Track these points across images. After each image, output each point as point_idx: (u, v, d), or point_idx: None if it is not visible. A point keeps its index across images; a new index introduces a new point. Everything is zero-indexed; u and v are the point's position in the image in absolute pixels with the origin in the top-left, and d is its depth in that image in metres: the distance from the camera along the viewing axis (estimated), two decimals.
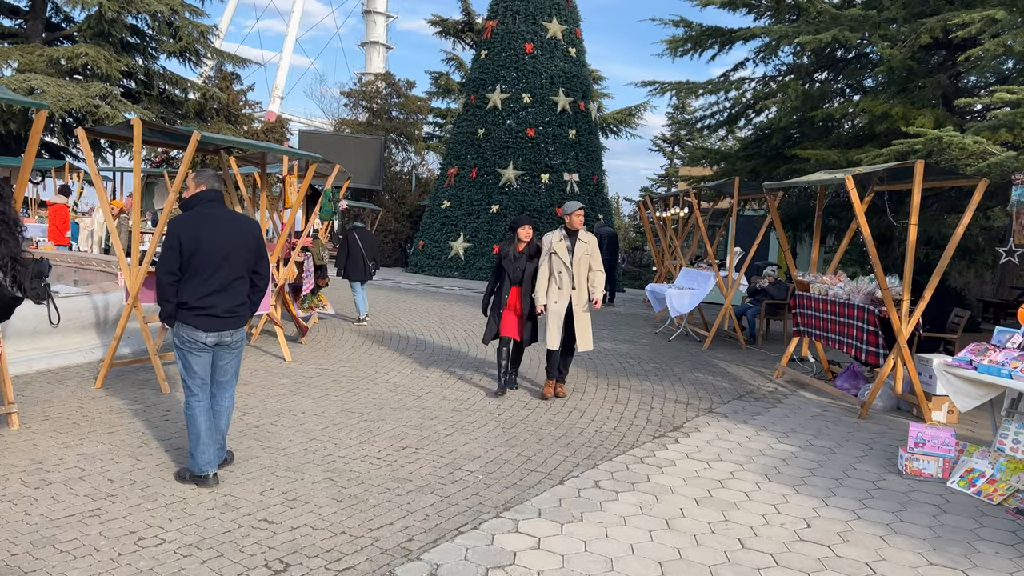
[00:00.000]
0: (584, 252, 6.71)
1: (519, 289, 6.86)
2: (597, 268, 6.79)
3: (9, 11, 23.26)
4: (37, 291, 4.82)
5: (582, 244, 6.72)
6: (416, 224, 26.05)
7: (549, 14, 21.00)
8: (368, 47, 79.27)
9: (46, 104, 5.18)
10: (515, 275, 6.83)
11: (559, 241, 6.69)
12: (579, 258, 6.68)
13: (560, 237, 6.72)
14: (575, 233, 6.75)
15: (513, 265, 6.82)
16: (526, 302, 6.83)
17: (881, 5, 9.69)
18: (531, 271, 6.81)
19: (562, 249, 6.67)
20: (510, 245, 6.88)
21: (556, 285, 6.69)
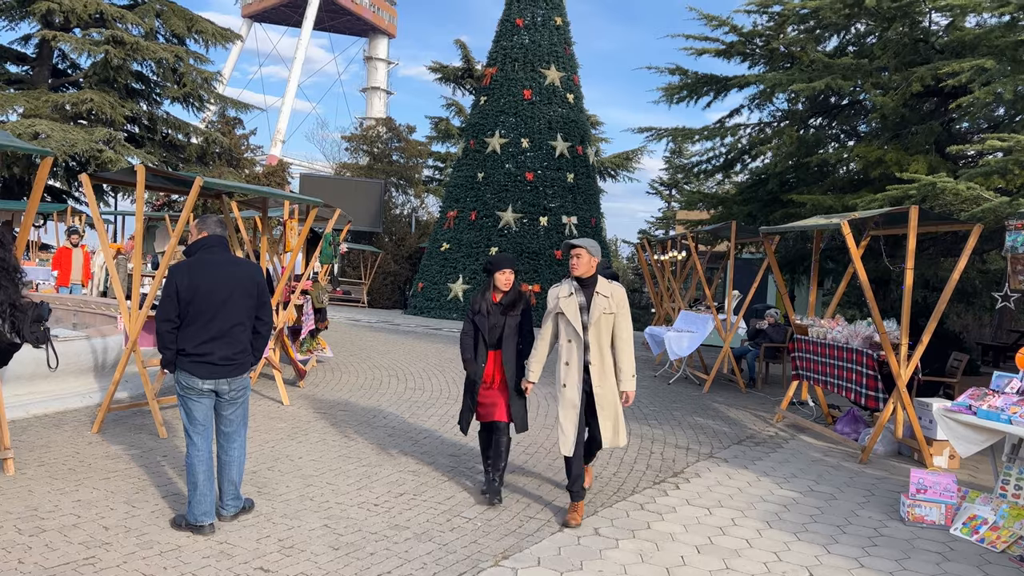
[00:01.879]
0: (604, 310, 4.70)
1: (498, 354, 5.06)
2: (624, 336, 4.77)
3: (16, 57, 23.66)
4: (36, 335, 4.83)
5: (601, 299, 4.72)
6: (415, 266, 26.15)
7: (547, 62, 21.37)
8: (369, 92, 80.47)
9: (51, 152, 5.25)
10: (492, 335, 5.03)
11: (567, 296, 4.76)
12: (597, 319, 4.69)
13: (569, 291, 4.77)
14: (591, 284, 4.79)
15: (488, 322, 5.02)
16: (511, 370, 5.03)
17: (872, 54, 9.89)
18: (513, 327, 5.04)
19: (572, 308, 4.73)
20: (484, 294, 5.08)
21: (564, 360, 4.75)
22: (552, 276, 19.60)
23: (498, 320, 5.02)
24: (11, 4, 22.39)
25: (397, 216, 30.21)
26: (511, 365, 5.03)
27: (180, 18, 23.98)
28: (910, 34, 9.47)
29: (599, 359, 4.72)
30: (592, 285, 4.78)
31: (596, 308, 4.71)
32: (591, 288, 4.77)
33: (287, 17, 77.71)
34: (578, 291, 4.79)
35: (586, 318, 4.73)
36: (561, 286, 4.87)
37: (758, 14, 11.97)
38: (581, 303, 4.76)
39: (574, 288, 4.80)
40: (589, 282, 4.80)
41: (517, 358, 5.08)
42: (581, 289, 4.79)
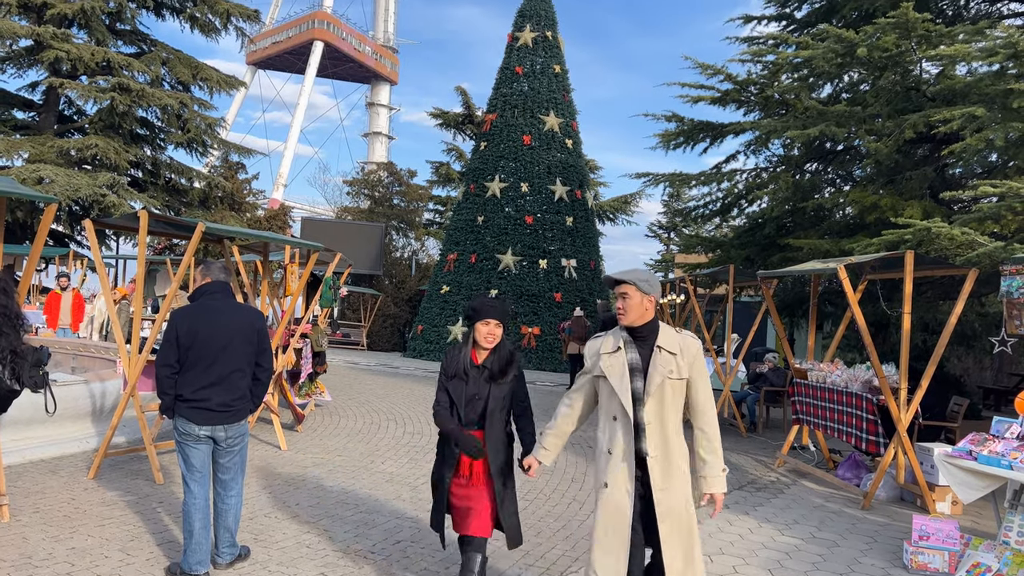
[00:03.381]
0: (670, 374, 3.19)
1: (479, 435, 3.73)
2: (704, 410, 3.26)
3: (23, 104, 24.03)
4: (35, 379, 4.84)
5: (665, 357, 3.21)
6: (415, 309, 26.18)
7: (546, 108, 21.71)
8: (371, 137, 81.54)
9: (56, 199, 5.32)
10: (471, 409, 3.73)
11: (612, 352, 3.29)
12: (659, 387, 3.17)
13: (616, 344, 3.30)
14: (649, 334, 3.28)
15: (466, 390, 3.73)
16: (497, 459, 3.72)
17: (865, 102, 10.07)
18: (500, 399, 3.73)
19: (618, 369, 3.24)
20: (461, 351, 3.83)
21: (605, 447, 3.26)
22: (552, 319, 19.62)
23: (480, 389, 3.71)
24: (20, 52, 22.82)
25: (397, 259, 30.35)
26: (498, 452, 3.71)
27: (185, 66, 24.42)
28: (902, 82, 9.66)
29: (662, 448, 3.16)
30: (650, 336, 3.24)
31: (657, 370, 3.15)
32: (649, 341, 3.24)
33: (291, 64, 79.13)
34: (629, 345, 3.25)
35: (640, 385, 3.18)
36: (604, 338, 3.35)
37: (752, 63, 12.21)
38: (633, 362, 3.21)
39: (623, 341, 3.26)
40: (645, 332, 3.25)
41: (507, 441, 3.81)
42: (633, 342, 3.26)
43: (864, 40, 9.10)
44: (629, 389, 3.18)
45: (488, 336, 3.74)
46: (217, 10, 24.91)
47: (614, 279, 3.28)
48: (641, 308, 3.25)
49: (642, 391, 3.19)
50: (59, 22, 22.23)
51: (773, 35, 12.74)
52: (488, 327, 3.74)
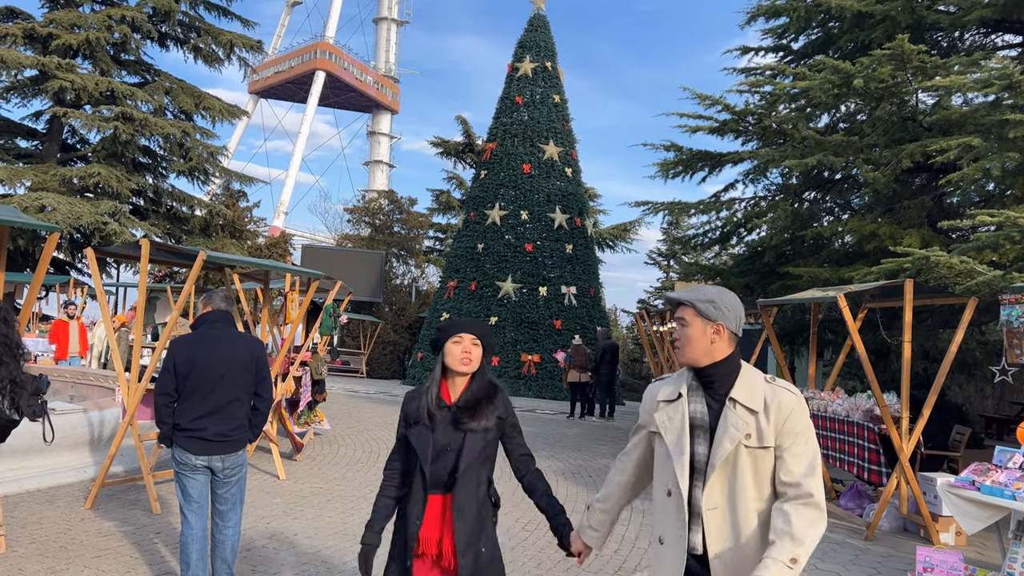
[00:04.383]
0: (747, 440, 2.25)
1: (445, 500, 2.80)
2: (799, 488, 2.21)
3: (27, 133, 24.22)
4: (33, 408, 4.82)
5: (741, 415, 2.27)
6: (415, 336, 26.16)
7: (546, 137, 21.89)
8: (372, 165, 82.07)
9: (59, 228, 5.35)
10: (438, 467, 2.78)
11: (671, 401, 2.44)
12: (729, 458, 2.27)
13: (676, 390, 2.43)
14: (722, 379, 2.35)
15: (431, 440, 2.78)
16: (467, 535, 2.74)
17: (863, 132, 10.16)
18: (477, 452, 2.78)
19: (673, 424, 2.39)
20: (427, 390, 2.86)
21: (657, 529, 2.44)
22: (552, 346, 19.58)
23: (451, 437, 2.74)
24: (25, 82, 23.05)
25: (397, 286, 30.39)
26: (469, 525, 2.72)
27: (189, 95, 24.65)
28: (898, 112, 9.76)
29: (731, 543, 2.26)
30: (723, 383, 2.32)
31: (727, 432, 2.25)
32: (722, 389, 2.32)
33: (293, 93, 79.88)
34: (694, 393, 2.37)
35: (704, 451, 2.30)
36: (664, 382, 2.50)
37: (750, 93, 12.34)
38: (696, 417, 2.34)
39: (687, 386, 2.39)
40: (716, 376, 2.33)
41: (489, 509, 2.83)
42: (701, 388, 2.37)
43: (860, 71, 9.21)
44: (687, 455, 2.26)
45: (463, 357, 2.75)
46: (220, 41, 25.20)
47: (673, 298, 2.41)
48: (704, 341, 2.28)
49: (705, 460, 2.27)
50: (64, 52, 22.47)
51: (770, 66, 12.90)
52: (461, 345, 2.76)
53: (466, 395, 2.81)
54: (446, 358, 2.81)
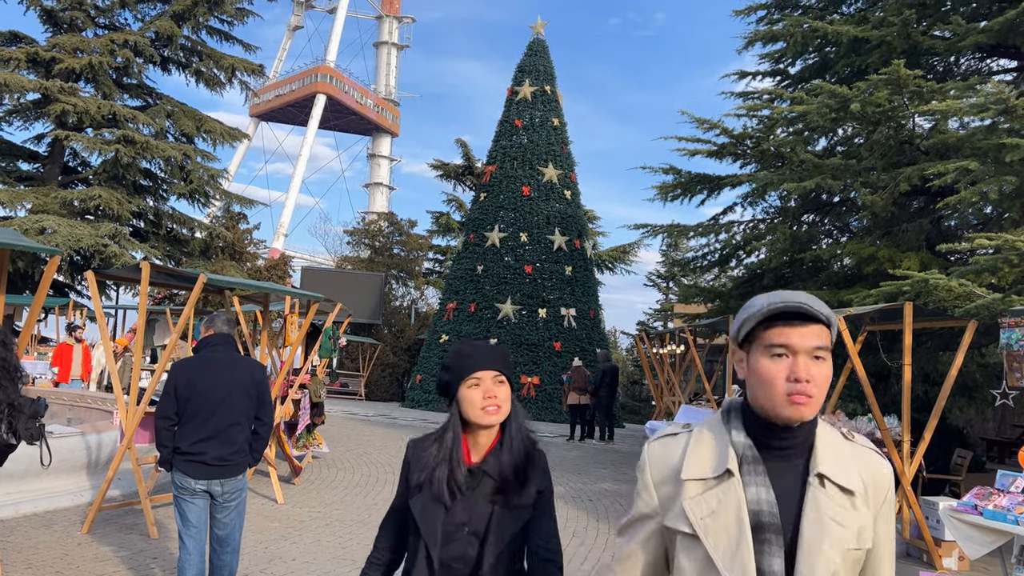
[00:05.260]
0: (845, 543, 1.37)
1: None
2: None
3: (28, 155, 24.34)
4: (31, 431, 4.80)
5: (834, 501, 1.39)
6: (414, 358, 26.10)
7: (545, 160, 22.00)
8: (372, 188, 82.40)
9: (59, 250, 5.37)
10: (451, 551, 2.00)
11: (711, 482, 1.44)
12: (834, 570, 1.35)
13: (721, 461, 1.44)
14: (799, 438, 1.43)
15: (444, 516, 2.01)
16: None
17: (860, 155, 10.23)
18: (506, 538, 1.99)
19: (725, 523, 1.39)
20: (439, 444, 2.08)
21: None
22: (552, 368, 19.53)
23: (473, 513, 2.02)
24: (27, 105, 23.21)
25: (397, 308, 30.38)
26: None
27: (190, 118, 24.81)
28: (895, 136, 9.82)
29: None
30: (798, 444, 1.46)
31: (828, 534, 1.39)
32: (797, 455, 1.46)
33: (293, 116, 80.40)
34: (752, 466, 1.44)
35: (778, 568, 1.39)
36: (680, 440, 1.56)
37: (747, 117, 12.42)
38: (762, 509, 1.41)
39: (739, 451, 1.46)
40: (801, 433, 1.46)
41: None
42: (759, 458, 1.45)
43: (857, 96, 9.29)
44: (748, 547, 1.38)
45: (488, 405, 2.01)
46: (222, 65, 25.42)
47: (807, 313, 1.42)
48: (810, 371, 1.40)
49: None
50: (67, 76, 22.65)
51: (768, 90, 13.01)
52: (482, 387, 2.03)
53: (501, 457, 2.04)
54: (464, 408, 2.04)
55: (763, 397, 1.42)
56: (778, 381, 1.40)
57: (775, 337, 1.42)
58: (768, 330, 1.43)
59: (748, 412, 1.48)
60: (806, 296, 1.42)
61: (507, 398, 2.07)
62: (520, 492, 2.02)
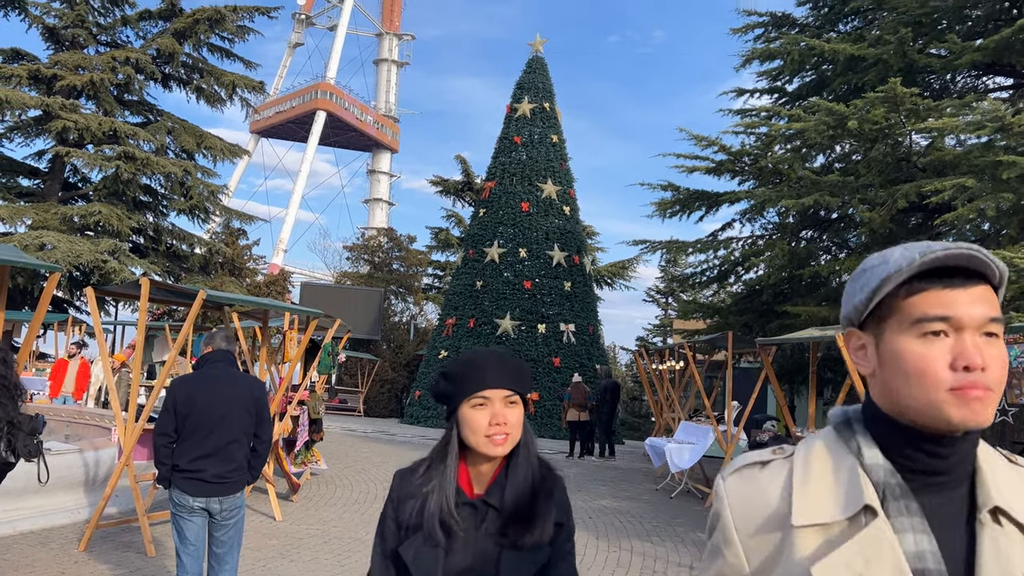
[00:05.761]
0: None
1: None
2: None
3: (29, 172, 24.41)
4: (29, 448, 4.78)
5: (1018, 542, 0.95)
6: (413, 374, 26.07)
7: (544, 176, 22.09)
8: (371, 203, 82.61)
9: (59, 267, 5.38)
10: None
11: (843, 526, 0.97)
12: None
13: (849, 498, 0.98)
14: (963, 461, 1.00)
15: (445, 560, 1.65)
16: None
17: (858, 172, 10.28)
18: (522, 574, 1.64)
19: (879, 568, 0.91)
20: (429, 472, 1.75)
21: None
22: (551, 384, 19.50)
23: (476, 557, 1.68)
24: (28, 122, 23.31)
25: (396, 323, 30.37)
26: None
27: (190, 135, 24.90)
28: (893, 153, 9.88)
29: None
30: (962, 468, 1.01)
31: None
32: (956, 484, 1.01)
33: (294, 133, 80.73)
34: (900, 501, 0.98)
35: None
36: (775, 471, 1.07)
37: (745, 135, 12.49)
38: (928, 567, 0.93)
39: (882, 479, 0.99)
40: (958, 453, 1.00)
41: None
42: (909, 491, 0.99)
43: (854, 113, 9.35)
44: None
45: (497, 431, 1.68)
46: (223, 82, 25.55)
47: (977, 260, 0.98)
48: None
49: None
50: (68, 93, 22.76)
51: (765, 108, 13.09)
52: (488, 409, 1.69)
53: (509, 488, 1.69)
54: (464, 431, 1.70)
55: (912, 396, 0.97)
56: (937, 371, 0.95)
57: (930, 306, 0.97)
58: (916, 296, 0.98)
59: (880, 422, 1.03)
60: (967, 244, 0.97)
61: (519, 423, 1.71)
62: (533, 528, 1.67)
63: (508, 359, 1.76)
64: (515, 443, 1.72)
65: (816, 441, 1.08)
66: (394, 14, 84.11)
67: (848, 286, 1.07)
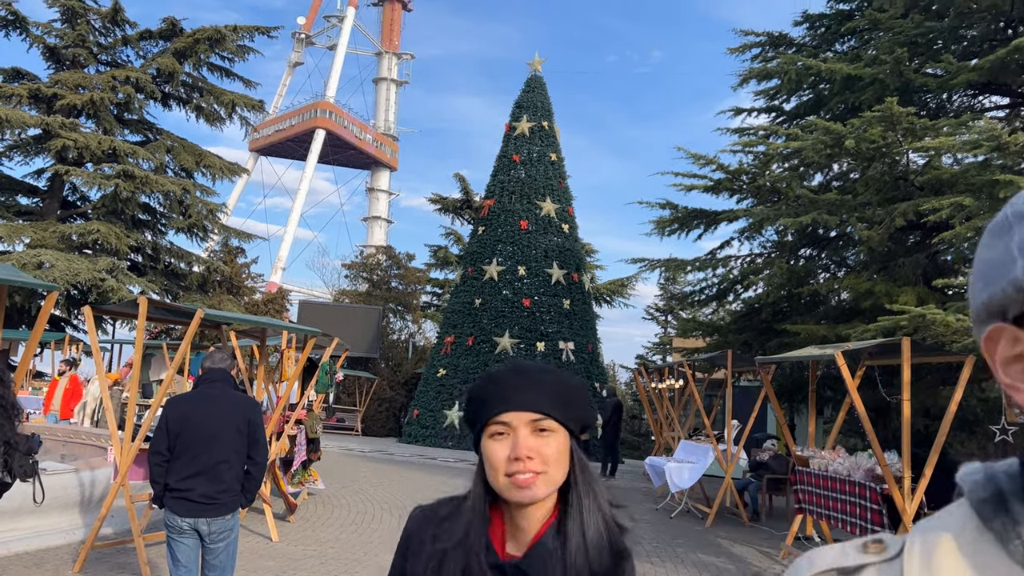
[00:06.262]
0: None
1: None
2: None
3: (28, 190, 24.44)
4: (24, 468, 4.75)
5: None
6: (411, 392, 25.98)
7: (543, 194, 22.14)
8: (370, 221, 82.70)
9: (58, 286, 5.37)
10: None
11: None
12: None
13: None
14: None
15: None
16: None
17: (856, 190, 10.31)
18: None
19: None
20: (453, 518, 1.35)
21: None
22: None
23: None
24: (28, 141, 23.37)
25: (394, 341, 30.31)
26: None
27: (190, 153, 24.98)
28: (890, 172, 9.92)
29: None
30: None
31: None
32: None
33: (293, 151, 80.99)
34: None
35: None
36: (901, 566, 0.62)
37: (743, 153, 12.54)
38: None
39: None
40: None
41: None
42: None
43: (851, 132, 9.40)
44: None
45: (519, 468, 1.28)
46: (223, 101, 25.66)
47: None
48: None
49: None
50: (68, 112, 22.86)
51: (763, 126, 13.17)
52: (510, 437, 1.30)
53: (559, 551, 1.29)
54: (487, 469, 1.33)
55: None
56: None
57: None
58: None
59: None
60: None
61: (557, 459, 1.29)
62: None
63: (539, 373, 1.34)
64: (553, 485, 1.29)
65: (941, 534, 0.64)
66: (393, 34, 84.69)
67: (985, 252, 0.63)
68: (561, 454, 1.30)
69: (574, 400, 1.34)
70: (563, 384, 1.35)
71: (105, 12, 24.21)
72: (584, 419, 1.36)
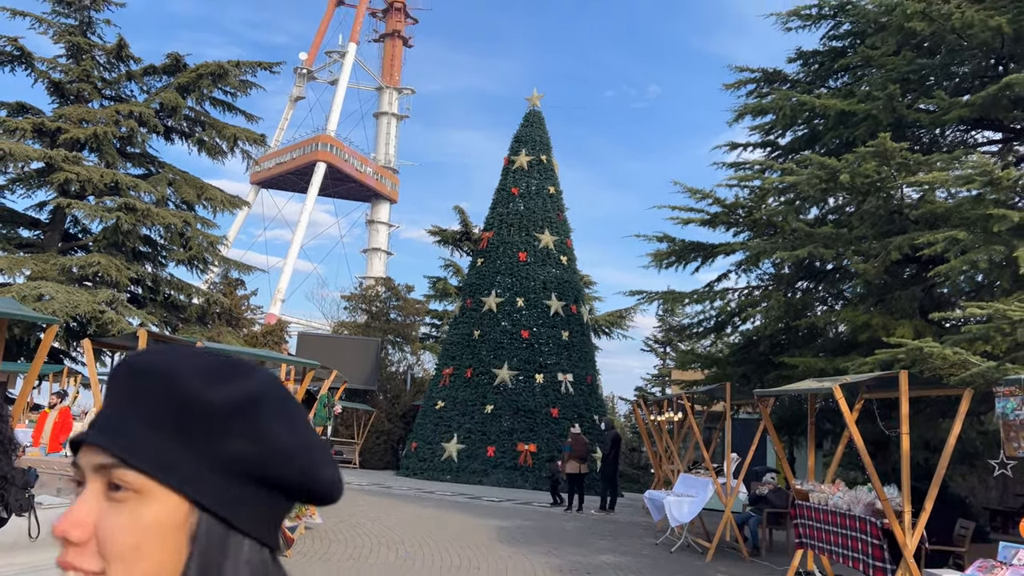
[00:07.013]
0: None
1: None
2: None
3: (29, 223, 24.57)
4: (20, 502, 4.74)
5: None
6: (409, 424, 25.85)
7: (541, 226, 22.28)
8: (370, 253, 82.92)
9: (58, 319, 5.40)
10: None
11: None
12: None
13: None
14: None
15: None
16: None
17: (851, 224, 10.40)
18: None
19: None
20: None
21: None
22: (548, 434, 19.33)
23: None
24: (31, 174, 23.55)
25: (393, 373, 30.24)
26: None
27: (191, 186, 25.15)
28: (885, 206, 10.02)
29: None
30: None
31: None
32: None
33: (294, 184, 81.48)
34: None
35: None
36: None
37: (739, 187, 12.67)
38: None
39: None
40: None
41: None
42: None
43: (846, 167, 9.51)
44: None
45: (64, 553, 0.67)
46: (225, 135, 25.90)
47: None
48: None
49: None
50: (71, 146, 23.05)
51: (759, 161, 13.30)
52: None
53: None
54: None
55: None
56: None
57: None
58: None
59: None
60: None
61: (123, 542, 0.70)
62: None
63: (131, 369, 0.74)
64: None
65: None
66: (394, 69, 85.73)
67: None
68: (130, 533, 0.69)
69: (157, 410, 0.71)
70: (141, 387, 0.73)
71: (110, 48, 24.55)
72: (141, 461, 0.70)
